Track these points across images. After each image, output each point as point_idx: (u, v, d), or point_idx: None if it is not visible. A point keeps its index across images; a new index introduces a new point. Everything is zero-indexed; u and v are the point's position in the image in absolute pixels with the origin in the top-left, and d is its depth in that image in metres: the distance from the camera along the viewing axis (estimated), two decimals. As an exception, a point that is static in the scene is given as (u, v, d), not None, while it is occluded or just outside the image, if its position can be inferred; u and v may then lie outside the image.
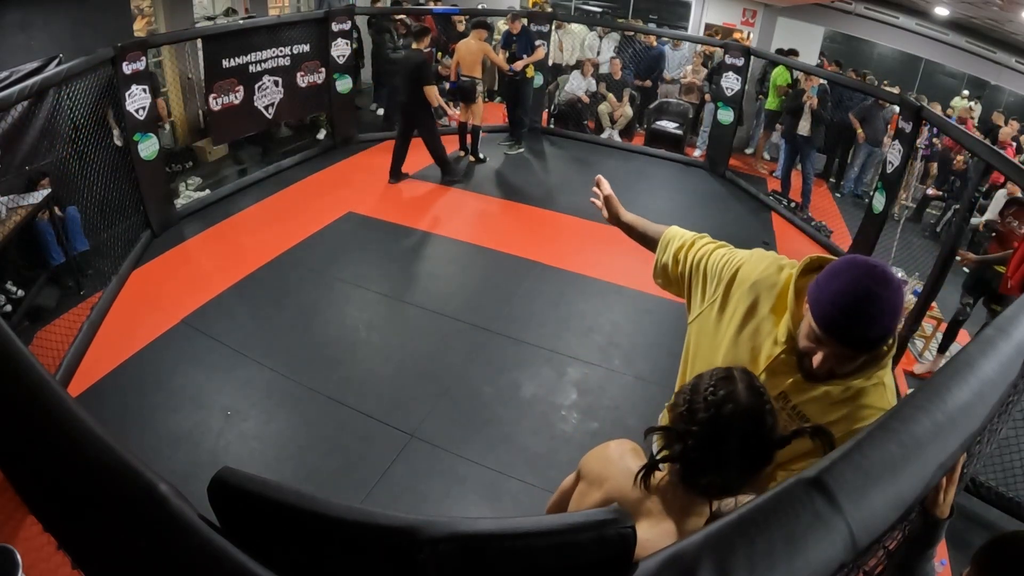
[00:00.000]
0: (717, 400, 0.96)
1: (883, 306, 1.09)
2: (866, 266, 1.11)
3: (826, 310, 1.11)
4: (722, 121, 6.64)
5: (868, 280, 1.09)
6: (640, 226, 1.77)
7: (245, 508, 0.47)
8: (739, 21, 10.26)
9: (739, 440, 0.95)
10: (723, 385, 0.98)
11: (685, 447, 0.98)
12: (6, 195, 3.50)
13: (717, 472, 0.97)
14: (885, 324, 1.11)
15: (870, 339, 1.13)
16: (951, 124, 4.31)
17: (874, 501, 0.55)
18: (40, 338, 3.34)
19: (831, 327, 1.12)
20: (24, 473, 0.48)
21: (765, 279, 1.35)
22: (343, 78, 6.30)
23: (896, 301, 1.10)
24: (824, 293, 1.12)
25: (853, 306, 1.09)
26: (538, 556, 0.47)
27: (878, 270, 1.11)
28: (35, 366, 0.50)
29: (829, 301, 1.11)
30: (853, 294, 1.09)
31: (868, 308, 1.09)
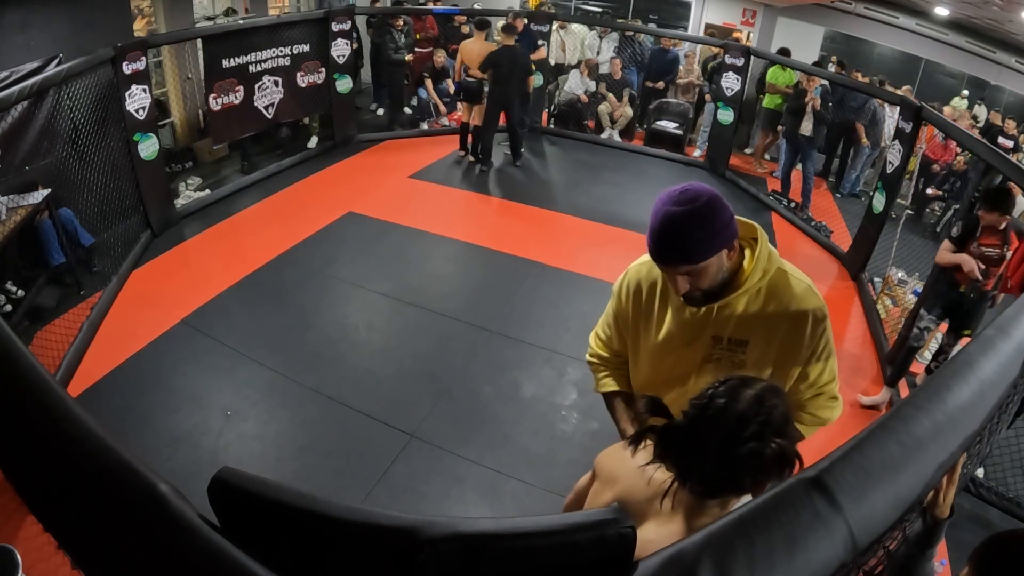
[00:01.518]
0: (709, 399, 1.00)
1: (684, 223, 1.22)
2: (668, 193, 1.26)
3: (650, 234, 1.27)
4: (722, 121, 6.64)
5: (668, 205, 1.24)
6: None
7: (245, 508, 0.47)
8: (739, 21, 10.26)
9: (717, 440, 0.97)
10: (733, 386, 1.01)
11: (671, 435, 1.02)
12: (6, 195, 3.50)
13: (693, 467, 1.00)
14: (689, 236, 1.23)
15: (683, 252, 1.25)
16: (951, 124, 4.31)
17: (874, 501, 0.55)
18: (40, 338, 3.34)
19: (653, 255, 1.29)
20: (24, 473, 0.48)
21: (642, 277, 1.54)
22: (343, 78, 6.30)
23: (698, 214, 1.22)
24: (650, 225, 1.28)
25: (659, 231, 1.25)
26: (538, 556, 0.47)
27: (677, 192, 1.25)
28: (35, 366, 0.50)
29: (650, 229, 1.27)
30: (658, 222, 1.25)
31: (670, 228, 1.23)
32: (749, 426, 0.96)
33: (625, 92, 7.55)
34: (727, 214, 1.27)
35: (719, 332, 1.40)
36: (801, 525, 0.52)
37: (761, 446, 0.95)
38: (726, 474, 0.98)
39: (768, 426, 0.97)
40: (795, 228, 5.78)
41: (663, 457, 1.03)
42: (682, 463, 1.01)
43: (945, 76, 10.30)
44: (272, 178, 5.78)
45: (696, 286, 1.30)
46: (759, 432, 0.96)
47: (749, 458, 0.96)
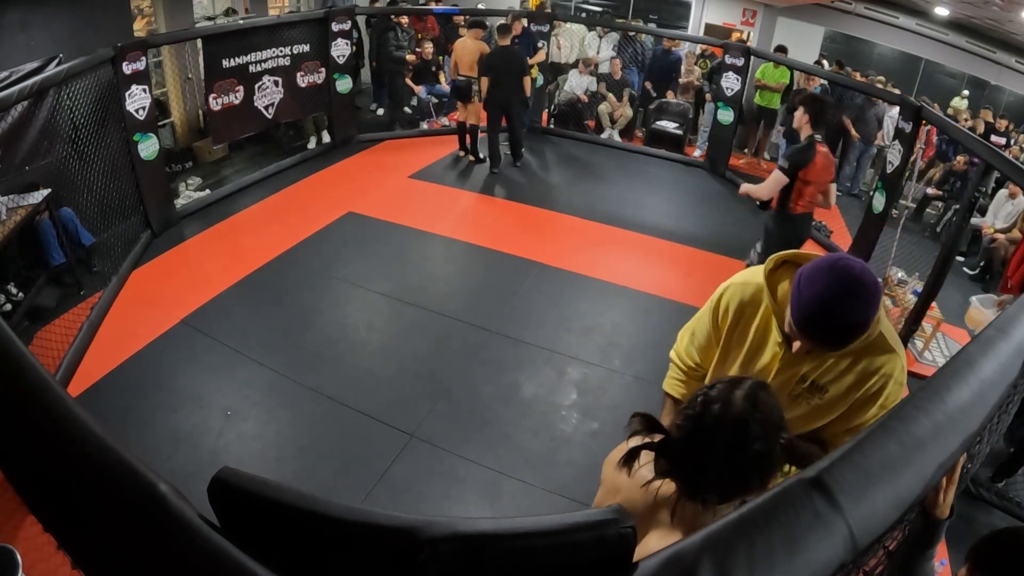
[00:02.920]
0: (702, 407, 0.98)
1: (854, 311, 1.17)
2: (842, 273, 1.17)
3: (803, 313, 1.20)
4: (722, 121, 6.64)
5: (841, 288, 1.16)
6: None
7: (245, 508, 0.47)
8: (739, 21, 10.26)
9: (721, 448, 0.94)
10: (722, 391, 0.99)
11: (670, 449, 1.00)
12: (6, 195, 3.50)
13: (703, 479, 0.97)
14: (856, 325, 1.19)
15: (840, 341, 1.22)
16: (951, 124, 4.31)
17: (874, 501, 0.55)
18: (40, 338, 3.34)
19: (806, 328, 1.22)
20: (24, 473, 0.48)
21: (745, 302, 1.45)
22: (343, 78, 6.30)
23: (869, 307, 1.18)
24: (803, 296, 1.20)
25: (825, 312, 1.17)
26: (538, 556, 0.47)
27: (852, 276, 1.16)
28: (35, 366, 0.50)
29: (805, 305, 1.20)
30: (826, 301, 1.17)
31: (839, 314, 1.17)
32: (751, 428, 0.95)
33: (625, 92, 7.55)
34: (880, 288, 1.23)
35: (807, 373, 1.39)
36: (801, 525, 0.52)
37: (767, 446, 0.95)
38: (736, 479, 0.96)
39: (769, 424, 0.96)
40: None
41: (667, 474, 1.00)
42: (689, 478, 0.99)
43: (945, 76, 10.30)
44: (272, 178, 5.78)
45: (815, 353, 1.30)
46: (762, 433, 0.95)
47: (758, 460, 0.95)
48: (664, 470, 1.00)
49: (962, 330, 4.17)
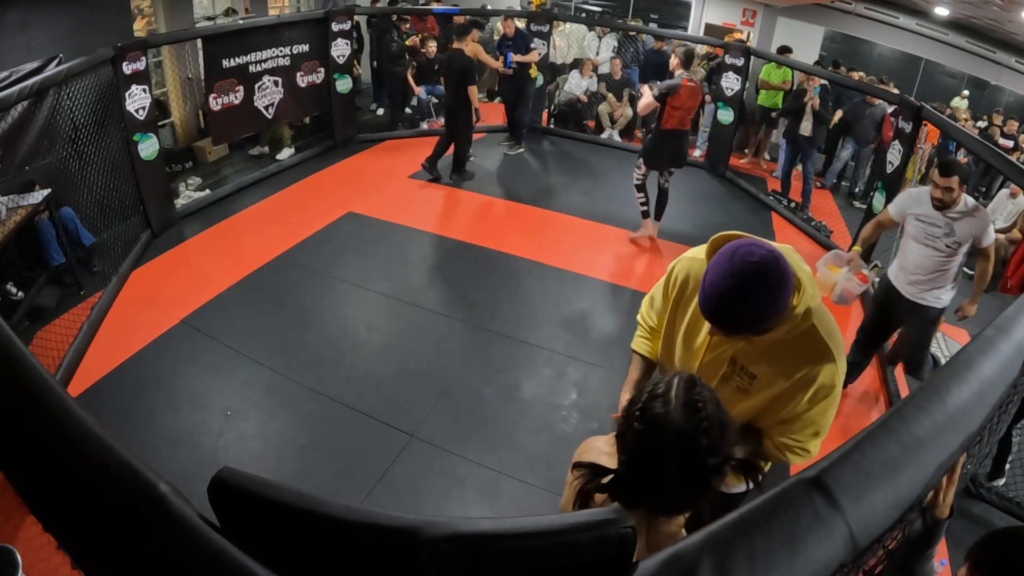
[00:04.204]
0: (645, 427, 0.93)
1: (754, 300, 1.16)
2: (741, 262, 1.15)
3: (703, 298, 1.21)
4: (722, 121, 6.64)
5: (737, 278, 1.15)
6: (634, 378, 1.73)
7: (245, 508, 0.47)
8: (739, 21, 10.26)
9: (674, 464, 0.90)
10: (655, 406, 0.94)
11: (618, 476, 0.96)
12: (6, 195, 3.50)
13: (658, 496, 0.94)
14: (757, 316, 1.18)
15: (738, 329, 1.22)
16: (951, 124, 4.31)
17: (874, 501, 0.55)
18: (40, 338, 3.34)
19: (708, 315, 1.23)
20: (24, 473, 0.48)
21: (690, 276, 1.47)
22: (343, 78, 6.30)
23: (768, 295, 1.16)
24: (705, 282, 1.20)
25: (721, 300, 1.17)
26: (538, 556, 0.47)
27: (749, 266, 1.14)
28: (35, 366, 0.50)
29: (705, 292, 1.20)
30: (722, 289, 1.16)
31: (733, 303, 1.16)
32: (699, 442, 0.90)
33: (625, 92, 7.55)
34: (791, 280, 1.19)
35: (737, 357, 1.40)
36: (801, 525, 0.52)
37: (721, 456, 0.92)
38: (696, 492, 0.93)
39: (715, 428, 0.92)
40: (795, 228, 5.78)
41: (630, 508, 0.95)
42: (651, 504, 0.96)
43: (945, 76, 10.30)
44: (272, 178, 5.78)
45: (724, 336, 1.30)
46: (712, 445, 0.90)
47: (715, 471, 0.92)
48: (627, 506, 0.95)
49: (962, 330, 4.16)
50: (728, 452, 0.93)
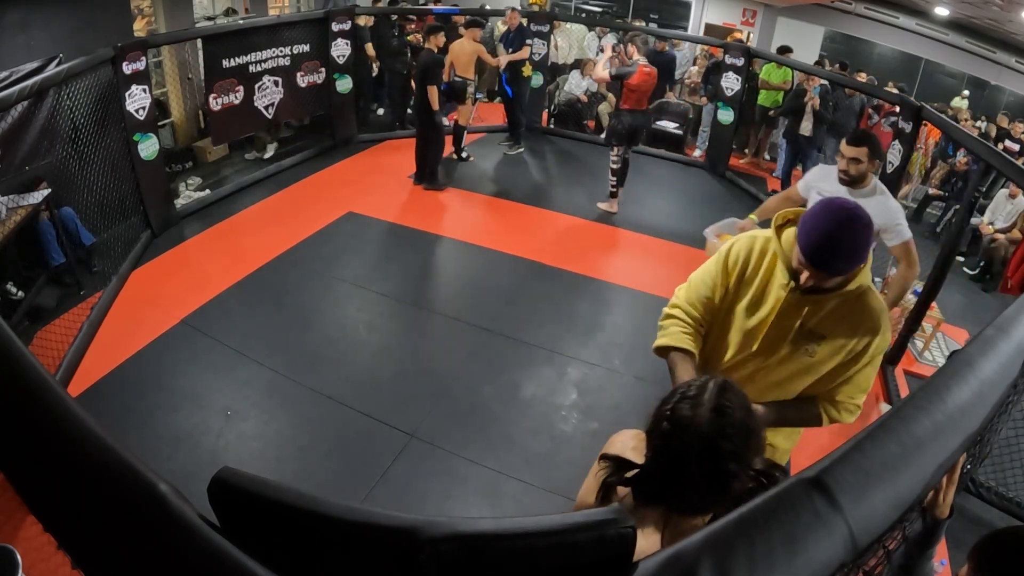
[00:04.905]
0: (672, 426, 0.96)
1: (850, 240, 1.39)
2: (839, 207, 1.41)
3: (809, 242, 1.41)
4: (722, 121, 6.64)
5: (839, 216, 1.39)
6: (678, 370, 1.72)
7: (245, 508, 0.47)
8: (739, 21, 10.26)
9: (696, 466, 0.93)
10: (684, 407, 0.97)
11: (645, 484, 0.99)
12: (6, 195, 3.49)
13: (678, 496, 0.97)
14: (852, 254, 1.42)
15: (841, 266, 1.43)
16: (951, 124, 4.31)
17: (874, 501, 0.55)
18: (40, 338, 3.34)
19: (812, 256, 1.42)
20: (24, 473, 0.48)
21: (752, 251, 1.65)
22: (343, 78, 6.30)
23: (861, 237, 1.40)
24: (808, 229, 1.43)
25: (827, 240, 1.39)
26: (538, 556, 0.47)
27: (848, 208, 1.40)
28: (35, 366, 0.50)
29: (812, 233, 1.41)
30: (828, 230, 1.39)
31: (838, 242, 1.39)
32: (722, 447, 0.93)
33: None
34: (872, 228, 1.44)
35: (805, 321, 1.55)
36: (801, 525, 0.52)
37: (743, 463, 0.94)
38: (715, 495, 0.95)
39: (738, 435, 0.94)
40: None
41: (649, 504, 0.99)
42: (670, 503, 0.99)
43: (945, 76, 10.30)
44: (272, 178, 5.78)
45: (818, 283, 1.47)
46: (733, 448, 0.93)
47: (735, 476, 0.93)
48: (645, 501, 1.00)
49: (962, 330, 4.17)
50: (750, 460, 0.95)
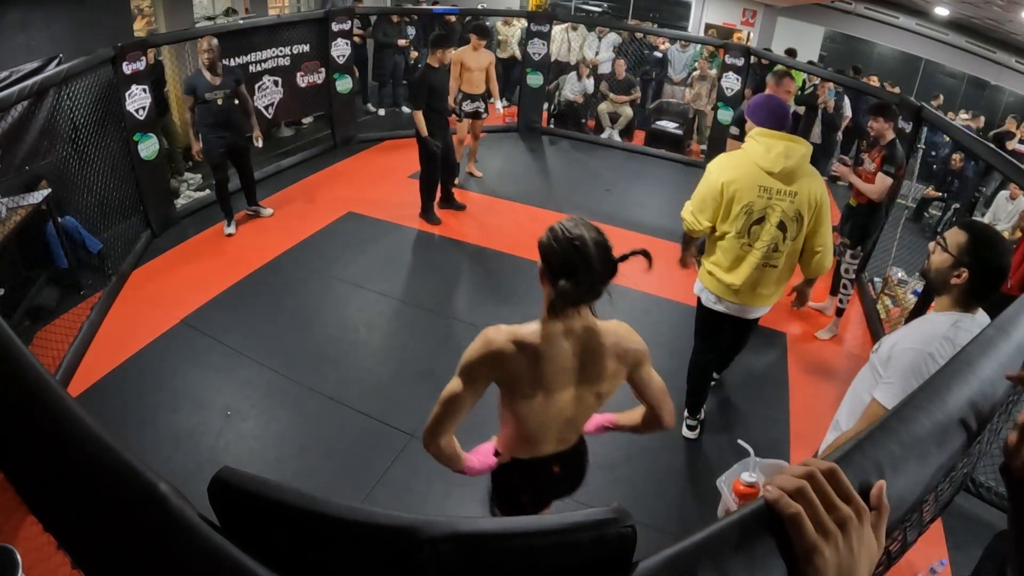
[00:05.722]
0: (573, 248, 1.42)
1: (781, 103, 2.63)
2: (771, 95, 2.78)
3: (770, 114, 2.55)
4: (722, 121, 6.64)
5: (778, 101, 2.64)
6: None
7: (245, 508, 0.47)
8: (739, 21, 10.26)
9: (595, 255, 1.41)
10: (573, 237, 1.43)
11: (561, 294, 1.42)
12: (6, 195, 3.49)
13: (592, 290, 1.45)
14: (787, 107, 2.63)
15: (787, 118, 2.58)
16: (951, 124, 4.31)
17: (874, 501, 0.55)
18: (40, 338, 3.34)
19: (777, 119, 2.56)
20: (24, 473, 0.48)
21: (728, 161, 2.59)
22: (343, 78, 6.31)
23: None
24: (758, 107, 2.62)
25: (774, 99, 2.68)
26: (538, 555, 0.47)
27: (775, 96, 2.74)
28: (35, 366, 0.50)
29: (763, 104, 2.61)
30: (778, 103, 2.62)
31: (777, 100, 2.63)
32: (608, 244, 1.44)
33: (635, 92, 7.53)
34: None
35: (786, 209, 2.49)
36: (801, 525, 0.52)
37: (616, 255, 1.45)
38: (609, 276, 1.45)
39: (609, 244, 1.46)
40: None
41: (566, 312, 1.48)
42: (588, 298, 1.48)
43: (945, 76, 10.30)
44: (272, 178, 5.78)
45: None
46: (611, 247, 1.45)
47: (617, 263, 1.45)
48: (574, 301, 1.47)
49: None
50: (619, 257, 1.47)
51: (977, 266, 1.58)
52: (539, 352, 1.46)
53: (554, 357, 1.47)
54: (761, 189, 2.45)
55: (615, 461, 2.98)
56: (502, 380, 1.52)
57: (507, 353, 1.45)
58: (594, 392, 1.55)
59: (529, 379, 1.49)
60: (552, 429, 1.62)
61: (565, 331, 1.48)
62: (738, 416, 3.36)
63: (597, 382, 1.53)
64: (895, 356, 1.62)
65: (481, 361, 1.46)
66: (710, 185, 2.50)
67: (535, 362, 1.46)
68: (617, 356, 1.53)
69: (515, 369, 1.47)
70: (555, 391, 1.52)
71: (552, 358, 1.47)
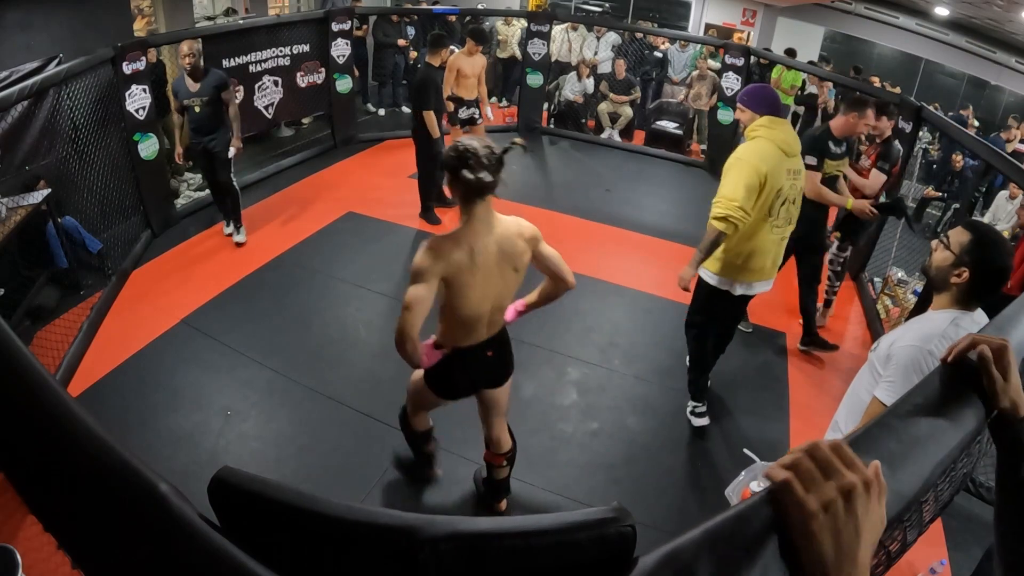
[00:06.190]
0: (463, 153, 1.85)
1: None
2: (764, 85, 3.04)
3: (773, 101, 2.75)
4: (722, 121, 6.64)
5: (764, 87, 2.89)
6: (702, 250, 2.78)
7: (245, 508, 0.47)
8: (739, 21, 10.26)
9: (483, 152, 1.85)
10: (466, 150, 1.85)
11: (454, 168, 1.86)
12: (6, 195, 3.50)
13: (491, 182, 1.87)
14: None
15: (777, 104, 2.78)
16: (951, 124, 4.31)
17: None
18: (40, 338, 3.34)
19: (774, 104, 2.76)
20: (24, 473, 0.48)
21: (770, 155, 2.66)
22: (343, 78, 6.31)
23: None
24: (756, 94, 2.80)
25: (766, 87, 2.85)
26: (538, 555, 0.47)
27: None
28: (35, 366, 0.50)
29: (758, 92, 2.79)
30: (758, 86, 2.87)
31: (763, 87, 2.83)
32: (492, 147, 1.89)
33: (635, 92, 7.52)
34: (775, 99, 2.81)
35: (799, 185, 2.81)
36: (800, 524, 0.52)
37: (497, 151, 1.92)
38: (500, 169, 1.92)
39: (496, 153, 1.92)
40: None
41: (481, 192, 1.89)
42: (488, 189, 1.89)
43: (945, 76, 10.30)
44: (272, 178, 5.78)
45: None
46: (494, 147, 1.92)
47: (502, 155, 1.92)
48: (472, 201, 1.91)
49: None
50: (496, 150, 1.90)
51: (978, 266, 1.59)
52: (471, 243, 1.90)
53: (483, 245, 1.91)
54: (787, 172, 2.66)
55: (615, 461, 2.98)
56: (450, 273, 1.88)
57: (450, 250, 1.87)
58: (512, 267, 2.01)
59: (469, 266, 1.90)
60: (486, 311, 2.04)
61: (483, 224, 1.92)
62: (738, 416, 3.36)
63: (514, 259, 1.99)
64: (895, 354, 1.62)
65: (433, 261, 1.86)
66: (756, 177, 2.59)
67: (471, 251, 1.89)
68: (522, 237, 2.01)
69: (459, 260, 1.88)
70: (488, 272, 1.95)
71: (482, 246, 1.91)
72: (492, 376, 2.33)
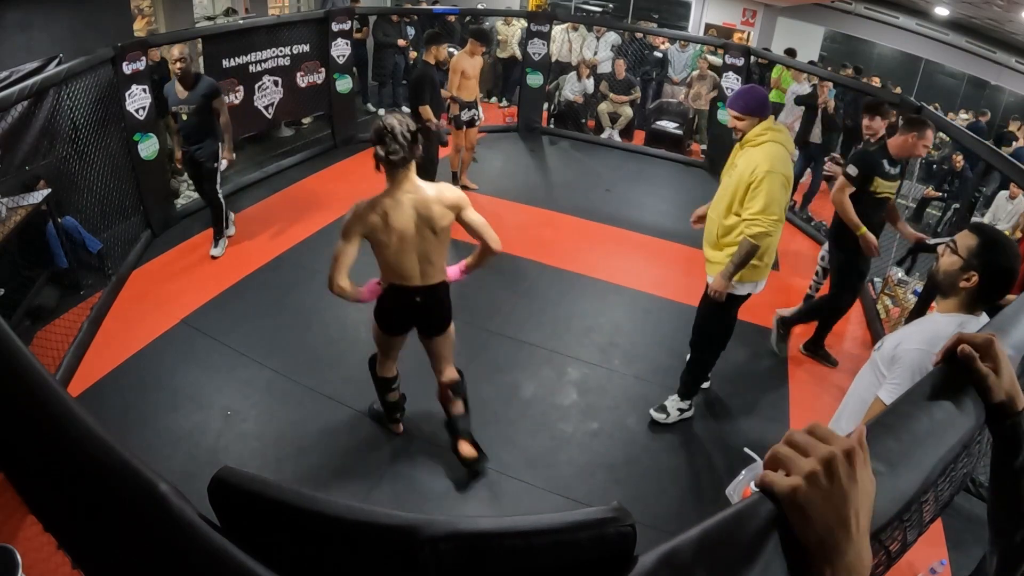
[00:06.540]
0: (384, 122, 2.23)
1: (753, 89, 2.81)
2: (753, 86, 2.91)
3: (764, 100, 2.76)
4: (722, 121, 6.64)
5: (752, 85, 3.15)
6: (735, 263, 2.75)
7: (245, 508, 0.47)
8: (739, 21, 10.26)
9: (399, 129, 2.23)
10: (386, 119, 2.25)
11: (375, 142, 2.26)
12: (6, 195, 3.50)
13: (391, 143, 2.22)
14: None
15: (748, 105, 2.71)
16: (951, 124, 4.31)
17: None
18: (40, 338, 3.34)
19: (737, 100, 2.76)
20: (24, 473, 0.48)
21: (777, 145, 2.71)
22: (343, 78, 6.31)
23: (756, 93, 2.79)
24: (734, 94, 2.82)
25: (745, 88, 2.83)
26: (538, 555, 0.47)
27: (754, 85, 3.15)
28: (35, 366, 0.50)
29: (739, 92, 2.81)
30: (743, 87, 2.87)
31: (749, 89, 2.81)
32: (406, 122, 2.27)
33: (635, 92, 7.52)
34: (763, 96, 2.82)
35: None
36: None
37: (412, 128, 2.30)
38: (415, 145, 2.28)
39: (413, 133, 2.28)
40: (794, 227, 5.78)
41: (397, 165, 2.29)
42: (410, 157, 2.29)
43: (945, 76, 10.30)
44: (272, 178, 5.78)
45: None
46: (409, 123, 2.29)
47: (417, 134, 2.27)
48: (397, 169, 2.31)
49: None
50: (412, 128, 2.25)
51: (987, 269, 1.58)
52: (387, 208, 2.30)
53: (398, 210, 2.30)
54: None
55: (615, 461, 2.99)
56: (367, 232, 2.32)
57: (368, 213, 2.31)
58: (430, 229, 2.35)
59: (383, 227, 2.31)
60: (411, 263, 2.42)
61: (403, 192, 2.31)
62: (738, 416, 3.36)
63: (431, 222, 2.33)
64: (900, 356, 1.62)
65: (353, 222, 2.32)
66: (786, 184, 2.64)
67: (386, 215, 2.29)
68: (441, 203, 2.33)
69: (374, 222, 2.31)
70: (404, 231, 2.33)
71: (398, 211, 2.30)
72: (423, 322, 2.69)
